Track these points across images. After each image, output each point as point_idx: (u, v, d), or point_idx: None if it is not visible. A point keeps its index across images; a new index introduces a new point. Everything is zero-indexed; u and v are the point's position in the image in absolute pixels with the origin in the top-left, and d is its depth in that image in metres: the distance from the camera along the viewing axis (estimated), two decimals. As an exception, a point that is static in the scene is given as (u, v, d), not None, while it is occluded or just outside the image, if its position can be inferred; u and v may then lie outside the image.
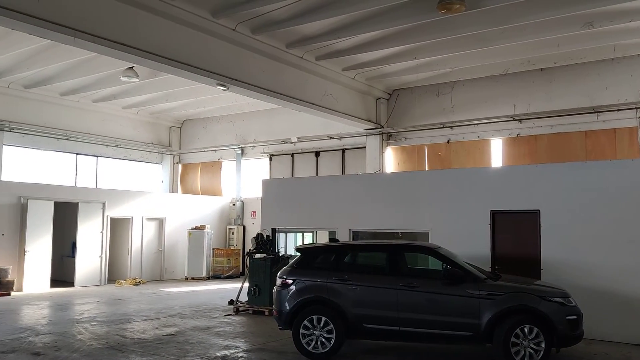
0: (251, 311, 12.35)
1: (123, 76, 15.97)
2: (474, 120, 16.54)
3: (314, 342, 8.26)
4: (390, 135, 18.33)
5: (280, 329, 8.86)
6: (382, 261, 8.89)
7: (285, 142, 20.64)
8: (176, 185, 24.02)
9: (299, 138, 20.27)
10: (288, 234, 15.44)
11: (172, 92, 18.71)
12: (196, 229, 20.01)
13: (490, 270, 10.05)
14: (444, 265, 8.40)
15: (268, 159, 21.52)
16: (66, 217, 17.57)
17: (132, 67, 15.35)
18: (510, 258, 10.57)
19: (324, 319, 8.26)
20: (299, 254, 9.27)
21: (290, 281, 8.67)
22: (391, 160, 18.39)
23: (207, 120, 23.35)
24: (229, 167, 22.85)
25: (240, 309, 12.52)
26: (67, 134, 19.92)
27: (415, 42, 13.55)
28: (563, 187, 10.26)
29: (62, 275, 17.71)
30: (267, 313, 11.92)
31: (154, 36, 11.24)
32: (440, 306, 8.00)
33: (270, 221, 14.01)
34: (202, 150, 23.14)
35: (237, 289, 13.26)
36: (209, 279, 19.66)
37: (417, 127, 17.68)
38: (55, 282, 16.88)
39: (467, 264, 8.58)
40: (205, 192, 23.11)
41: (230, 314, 12.24)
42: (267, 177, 20.70)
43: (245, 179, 22.10)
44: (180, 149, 24.09)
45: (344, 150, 19.54)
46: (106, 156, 21.63)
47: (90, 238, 17.63)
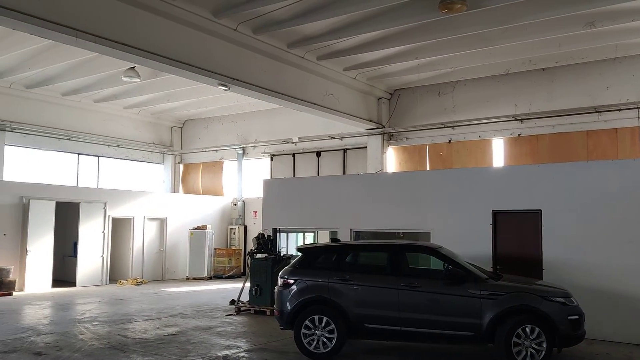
0: (252, 311, 12.36)
1: (124, 76, 15.98)
2: (476, 120, 16.53)
3: (315, 342, 8.26)
4: (392, 135, 18.33)
5: (282, 328, 8.86)
6: (383, 261, 8.89)
7: (287, 142, 20.64)
8: (177, 185, 24.03)
9: (300, 138, 20.27)
10: (289, 234, 15.42)
11: (173, 92, 18.72)
12: (197, 228, 20.03)
13: (491, 270, 10.02)
14: (446, 265, 8.39)
15: (269, 159, 21.53)
16: (68, 217, 17.61)
17: (133, 67, 15.36)
18: (512, 258, 10.56)
19: (325, 318, 8.26)
20: (300, 254, 9.26)
21: (292, 281, 8.68)
22: (392, 160, 18.38)
23: (208, 120, 23.36)
24: (230, 167, 22.85)
25: (242, 308, 12.53)
26: (69, 134, 19.94)
27: (417, 42, 13.54)
28: (564, 187, 10.25)
29: (64, 275, 17.72)
30: (268, 313, 11.92)
31: (155, 36, 11.25)
32: (441, 306, 7.99)
33: (272, 221, 14.02)
34: (204, 150, 23.15)
35: (238, 289, 13.26)
36: (210, 278, 19.67)
37: (419, 127, 17.67)
38: (56, 282, 16.88)
39: (469, 263, 8.57)
40: (206, 192, 23.12)
41: (232, 314, 12.25)
42: (268, 177, 20.69)
43: (246, 179, 22.11)
44: (181, 149, 24.11)
45: (345, 150, 19.53)
46: (107, 156, 21.65)
47: (92, 238, 17.65)
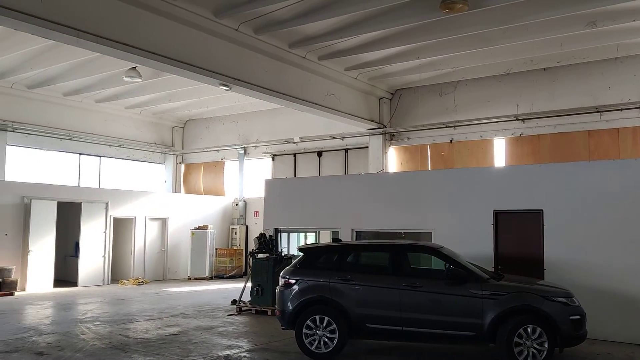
0: (254, 311, 12.36)
1: (126, 76, 16.00)
2: (477, 120, 16.52)
3: (316, 342, 8.26)
4: (393, 135, 18.32)
5: (283, 328, 8.87)
6: (385, 261, 8.89)
7: (288, 142, 20.64)
8: (179, 185, 24.05)
9: (301, 138, 20.27)
10: (291, 234, 15.42)
11: (174, 92, 18.73)
12: (199, 228, 20.04)
13: (493, 270, 10.02)
14: (447, 265, 8.38)
15: (271, 159, 21.53)
16: (69, 217, 17.62)
17: (134, 67, 15.38)
18: (513, 258, 10.55)
19: (326, 318, 8.26)
20: (301, 253, 9.25)
21: (293, 281, 8.67)
22: (394, 160, 18.37)
23: (209, 120, 23.37)
24: (231, 167, 22.86)
25: (243, 308, 12.53)
26: (70, 134, 19.96)
27: (418, 41, 13.53)
28: (566, 186, 10.23)
29: (65, 275, 17.74)
30: (269, 313, 11.92)
31: (156, 36, 11.25)
32: (443, 306, 7.99)
33: (273, 221, 14.02)
34: (205, 150, 23.16)
35: (239, 288, 13.25)
36: (211, 278, 19.67)
37: (420, 127, 17.66)
38: (58, 282, 16.90)
39: (470, 263, 8.56)
40: (208, 192, 23.13)
41: (233, 314, 12.25)
42: (269, 177, 20.70)
43: (247, 179, 22.11)
44: (183, 149, 24.12)
45: (346, 150, 19.54)
46: (109, 156, 21.67)
47: (94, 238, 17.67)
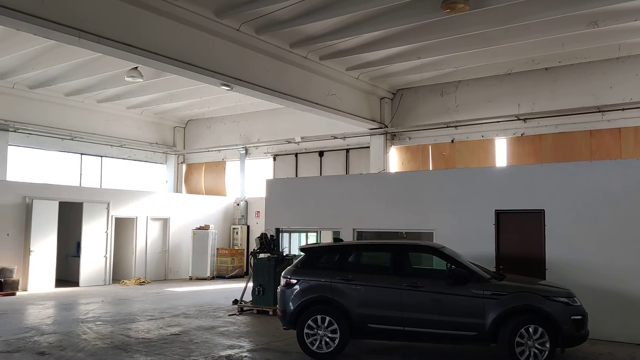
0: (255, 311, 12.36)
1: (127, 76, 16.01)
2: (478, 119, 16.51)
3: (318, 342, 8.26)
4: (395, 135, 18.31)
5: (285, 328, 8.87)
6: (386, 261, 8.88)
7: (289, 142, 20.64)
8: (180, 185, 24.07)
9: (302, 138, 20.27)
10: (292, 234, 15.43)
11: (176, 92, 18.74)
12: (200, 228, 20.05)
13: (494, 270, 10.01)
14: (449, 265, 8.38)
15: (272, 158, 21.53)
16: (71, 217, 17.63)
17: (136, 68, 15.38)
18: (515, 258, 10.54)
19: (328, 318, 8.26)
20: (303, 253, 9.25)
21: (295, 281, 8.67)
22: (395, 160, 18.37)
23: (211, 120, 23.38)
24: (233, 167, 22.87)
25: (245, 308, 12.53)
26: (72, 134, 19.98)
27: (419, 41, 13.53)
28: (568, 186, 10.22)
29: (67, 275, 17.75)
30: (271, 313, 11.93)
31: (157, 36, 11.26)
32: (444, 306, 7.98)
33: (274, 221, 14.01)
34: (206, 150, 23.17)
35: (241, 288, 13.26)
36: (213, 278, 19.68)
37: (421, 127, 17.65)
38: (60, 281, 16.92)
39: (472, 263, 8.56)
40: (209, 192, 23.14)
41: (235, 314, 12.25)
42: (271, 177, 20.70)
43: (249, 179, 22.11)
44: (184, 149, 24.14)
45: (348, 150, 19.53)
46: (110, 156, 21.69)
47: (95, 238, 17.68)
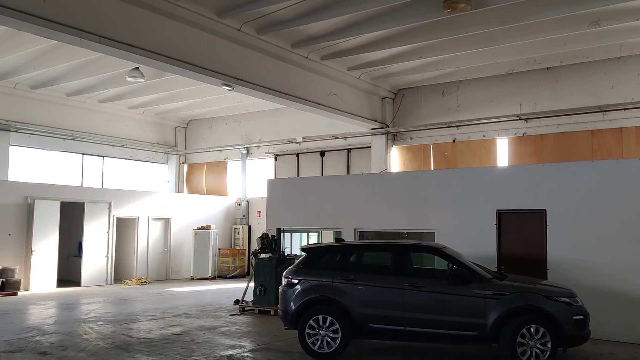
0: (257, 311, 12.36)
1: (129, 76, 16.02)
2: (480, 119, 16.50)
3: (319, 342, 8.25)
4: (396, 135, 18.31)
5: (286, 328, 8.87)
6: (387, 261, 8.88)
7: (291, 142, 20.64)
8: (182, 185, 24.08)
9: (304, 138, 20.27)
10: (293, 234, 15.44)
11: (177, 92, 18.75)
12: (202, 228, 20.06)
13: (496, 270, 10.00)
14: (450, 265, 8.37)
15: (273, 158, 21.54)
16: (72, 217, 17.65)
17: (137, 68, 15.39)
18: (517, 258, 10.53)
19: (329, 318, 8.25)
20: (304, 253, 9.25)
21: (296, 281, 8.67)
22: (397, 159, 18.36)
23: (212, 120, 23.39)
24: (234, 167, 22.88)
25: (246, 308, 12.54)
26: (73, 134, 19.99)
27: (421, 41, 13.52)
28: (569, 186, 10.21)
29: (69, 275, 17.78)
30: (272, 313, 11.92)
31: (159, 36, 11.26)
32: (446, 306, 7.98)
33: (276, 221, 14.00)
34: (208, 150, 23.18)
35: (242, 288, 13.27)
36: (214, 278, 19.69)
37: (423, 127, 17.64)
38: (61, 281, 16.94)
39: (473, 263, 8.55)
40: (210, 192, 23.15)
41: (236, 314, 12.26)
42: (272, 177, 20.71)
43: (250, 179, 22.12)
44: (185, 149, 24.15)
45: (349, 150, 19.53)
46: (112, 156, 21.71)
47: (97, 238, 17.69)
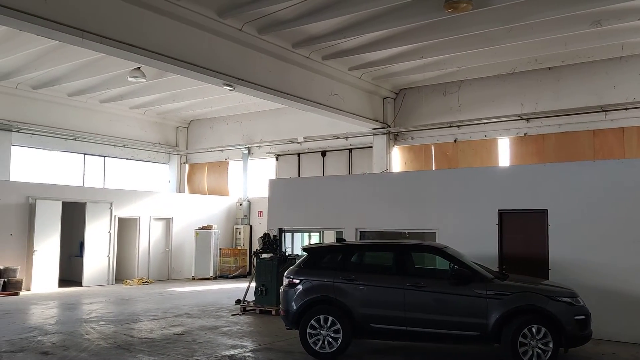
0: (258, 311, 12.36)
1: (130, 77, 16.03)
2: (481, 119, 16.49)
3: (320, 342, 8.25)
4: (397, 135, 18.30)
5: (287, 328, 8.87)
6: (389, 261, 8.87)
7: (292, 142, 20.65)
8: (183, 185, 24.10)
9: (305, 138, 20.28)
10: (295, 234, 15.42)
11: (179, 92, 18.77)
12: (203, 228, 20.07)
13: (497, 270, 10.00)
14: (452, 265, 8.36)
15: (275, 158, 21.54)
16: (74, 217, 17.67)
17: (139, 68, 15.40)
18: (518, 258, 10.52)
19: (330, 318, 8.25)
20: (305, 253, 9.25)
21: (297, 281, 8.67)
22: (398, 159, 18.36)
23: (213, 120, 23.40)
24: (235, 167, 22.89)
25: (247, 308, 12.54)
26: (75, 134, 20.01)
27: (422, 41, 13.52)
28: (571, 186, 10.20)
29: (70, 275, 17.80)
30: (274, 313, 11.93)
31: (160, 36, 11.27)
32: (447, 306, 7.97)
33: (277, 221, 14.01)
34: (209, 150, 23.19)
35: (244, 288, 13.27)
36: (216, 278, 19.70)
37: (424, 127, 17.64)
38: (63, 281, 16.96)
39: (475, 263, 8.55)
40: (212, 192, 23.16)
41: (237, 314, 12.26)
42: (273, 177, 20.71)
43: (251, 179, 22.14)
44: (187, 149, 24.16)
45: (350, 150, 19.53)
46: (113, 156, 21.73)
47: (98, 238, 17.71)
